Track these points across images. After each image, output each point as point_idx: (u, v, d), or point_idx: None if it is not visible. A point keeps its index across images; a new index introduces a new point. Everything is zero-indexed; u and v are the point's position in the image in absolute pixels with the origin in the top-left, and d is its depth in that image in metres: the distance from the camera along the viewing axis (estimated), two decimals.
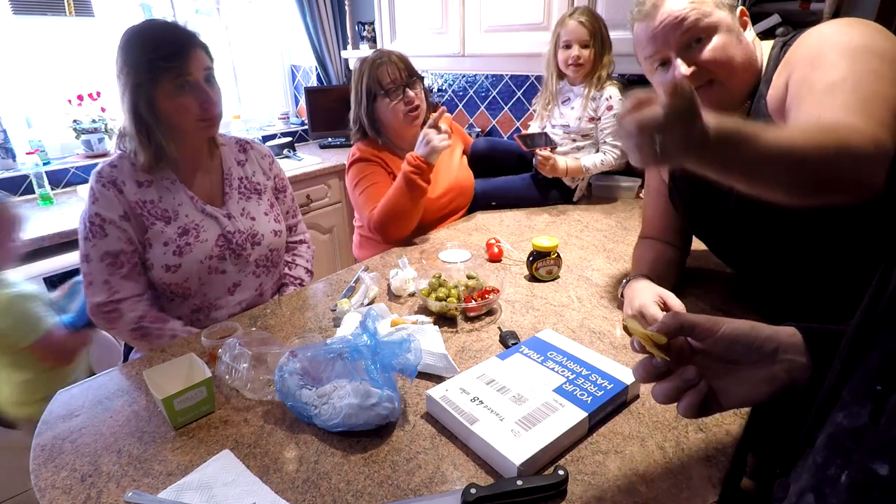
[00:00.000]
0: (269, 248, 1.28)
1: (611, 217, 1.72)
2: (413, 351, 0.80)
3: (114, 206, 1.10)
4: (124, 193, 1.11)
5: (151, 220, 1.13)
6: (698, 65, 0.87)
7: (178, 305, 1.20)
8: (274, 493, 0.69)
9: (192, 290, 1.18)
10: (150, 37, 1.08)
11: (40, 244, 1.76)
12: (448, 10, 2.30)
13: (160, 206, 1.14)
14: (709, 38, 0.87)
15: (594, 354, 0.90)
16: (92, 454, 0.77)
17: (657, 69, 0.94)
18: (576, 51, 1.69)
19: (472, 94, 2.77)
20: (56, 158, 2.38)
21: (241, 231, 1.22)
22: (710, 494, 0.66)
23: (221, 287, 1.21)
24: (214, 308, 1.22)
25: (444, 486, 0.69)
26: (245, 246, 1.23)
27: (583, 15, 1.67)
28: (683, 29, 0.87)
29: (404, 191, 1.45)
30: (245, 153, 1.32)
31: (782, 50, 0.88)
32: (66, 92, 2.38)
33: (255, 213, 1.27)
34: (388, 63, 1.52)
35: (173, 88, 1.07)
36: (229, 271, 1.21)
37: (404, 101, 1.53)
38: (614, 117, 1.72)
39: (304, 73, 3.39)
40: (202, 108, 1.10)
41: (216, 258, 1.18)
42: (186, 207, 1.17)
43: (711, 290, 1.16)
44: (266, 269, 1.29)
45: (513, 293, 1.21)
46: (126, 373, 0.97)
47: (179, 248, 1.14)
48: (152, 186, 1.14)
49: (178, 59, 1.06)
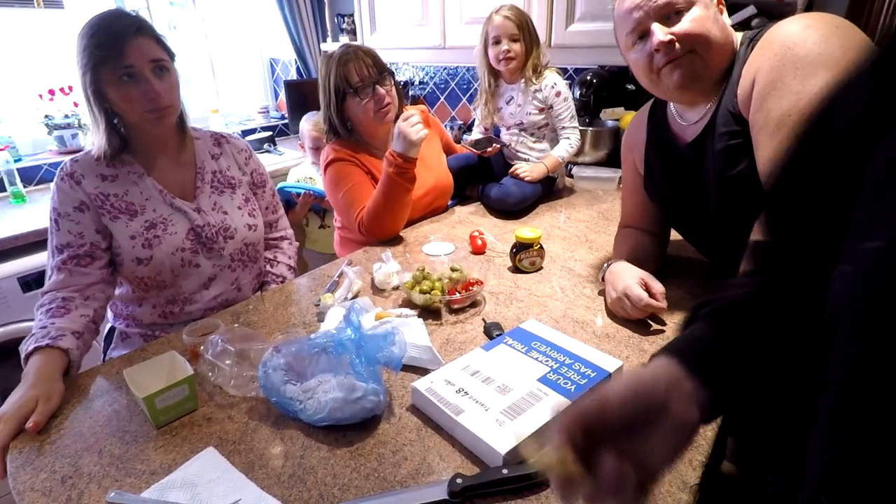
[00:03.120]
0: (244, 242, 1.26)
1: (592, 208, 1.74)
2: (398, 344, 0.80)
3: (68, 199, 1.08)
4: (82, 185, 1.09)
5: (114, 214, 1.11)
6: (676, 35, 0.88)
7: (153, 297, 1.18)
8: (260, 489, 0.68)
9: (166, 282, 1.16)
10: (92, 25, 1.05)
11: (14, 243, 1.72)
12: (428, 1, 2.28)
13: (125, 199, 1.12)
14: (687, 8, 0.88)
15: (577, 343, 0.91)
16: (72, 455, 0.76)
17: (635, 44, 0.94)
18: (505, 45, 1.69)
19: (454, 87, 2.76)
20: (28, 155, 2.32)
21: (212, 224, 1.20)
22: (690, 477, 0.67)
23: (196, 281, 1.20)
24: (189, 301, 1.20)
25: (430, 477, 0.69)
26: (216, 239, 1.21)
27: (509, 10, 1.68)
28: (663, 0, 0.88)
29: (390, 190, 1.43)
30: (220, 147, 1.30)
31: (749, 47, 0.89)
32: (37, 86, 2.31)
33: (227, 208, 1.24)
34: (355, 60, 1.45)
35: (115, 78, 1.04)
36: (203, 265, 1.20)
37: (374, 99, 1.47)
38: (564, 100, 1.75)
39: (283, 67, 3.34)
40: (146, 99, 1.06)
41: (188, 251, 1.17)
42: (154, 201, 1.15)
43: (690, 278, 1.18)
44: (242, 263, 1.27)
45: (496, 285, 1.22)
46: (105, 372, 0.96)
47: (148, 241, 1.12)
48: (117, 180, 1.12)
49: (113, 48, 1.02)
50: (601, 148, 2.03)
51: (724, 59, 0.91)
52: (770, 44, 0.84)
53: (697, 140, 0.99)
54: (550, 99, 1.75)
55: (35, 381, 0.86)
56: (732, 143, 0.91)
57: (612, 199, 1.83)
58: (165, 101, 1.08)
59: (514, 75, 1.77)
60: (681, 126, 1.04)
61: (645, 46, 0.92)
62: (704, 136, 0.97)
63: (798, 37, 0.80)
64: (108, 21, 1.05)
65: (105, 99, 1.06)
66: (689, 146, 1.01)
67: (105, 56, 1.02)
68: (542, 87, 1.74)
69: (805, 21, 0.82)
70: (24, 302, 1.71)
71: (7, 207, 1.98)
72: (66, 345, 0.94)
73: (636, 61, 0.96)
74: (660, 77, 0.93)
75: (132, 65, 1.04)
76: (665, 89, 0.95)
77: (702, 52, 0.89)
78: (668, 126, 1.07)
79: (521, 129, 1.83)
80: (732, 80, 0.91)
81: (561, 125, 1.78)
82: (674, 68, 0.91)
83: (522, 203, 1.71)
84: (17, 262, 1.71)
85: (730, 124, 0.91)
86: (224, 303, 1.24)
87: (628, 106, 2.09)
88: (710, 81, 0.93)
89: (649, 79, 0.96)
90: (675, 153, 1.06)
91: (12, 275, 1.69)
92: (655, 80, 0.95)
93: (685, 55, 0.89)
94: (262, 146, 2.82)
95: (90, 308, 1.05)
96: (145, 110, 1.07)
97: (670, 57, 0.90)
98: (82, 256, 1.08)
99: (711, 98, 0.95)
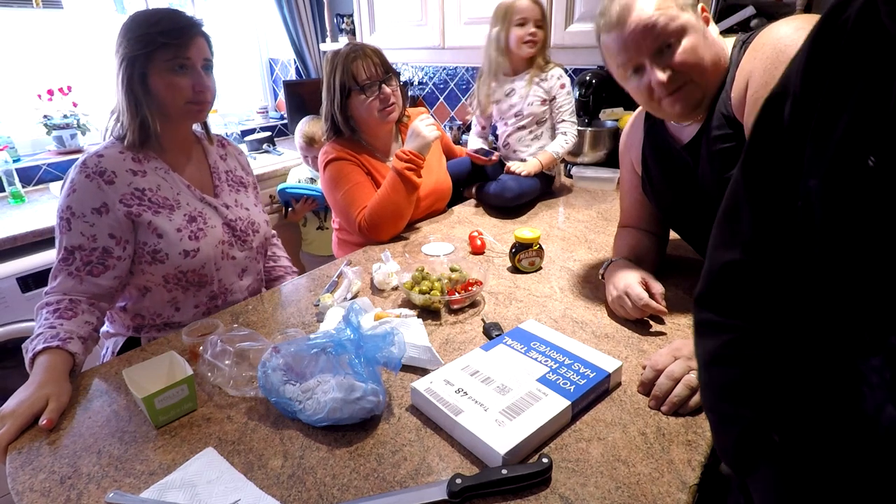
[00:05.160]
0: (265, 236, 1.33)
1: (591, 209, 1.74)
2: (397, 344, 0.80)
3: (89, 199, 1.04)
4: (114, 185, 1.06)
5: (154, 209, 1.09)
6: (672, 68, 0.89)
7: (193, 295, 1.17)
8: (259, 490, 0.68)
9: (208, 276, 1.17)
10: (153, 14, 1.08)
11: (13, 243, 1.71)
12: (427, 1, 2.28)
13: (160, 193, 1.12)
14: (678, 41, 0.88)
15: (577, 344, 0.91)
16: (71, 456, 0.76)
17: (630, 76, 0.95)
18: (531, 27, 1.70)
19: (453, 87, 2.76)
20: (26, 155, 2.31)
21: (241, 219, 1.24)
22: (690, 477, 0.67)
23: (232, 272, 1.23)
24: (229, 293, 1.23)
25: (429, 478, 0.69)
26: (248, 232, 1.25)
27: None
28: (654, 35, 0.88)
29: (398, 188, 1.44)
30: (224, 148, 1.33)
31: (741, 50, 0.90)
32: (36, 87, 2.31)
33: (247, 205, 1.29)
34: (363, 57, 1.46)
35: (168, 67, 1.06)
36: (238, 257, 1.23)
37: (380, 98, 1.48)
38: (567, 94, 1.77)
39: (282, 67, 3.34)
40: (195, 91, 1.09)
41: (226, 244, 1.20)
42: (186, 196, 1.16)
43: (689, 278, 1.18)
44: (262, 255, 1.34)
45: (496, 285, 1.22)
46: (104, 372, 0.96)
47: (193, 233, 1.13)
48: (147, 176, 1.11)
49: (177, 38, 1.05)
50: (600, 148, 2.03)
51: (719, 74, 0.92)
52: (762, 46, 0.84)
53: (693, 142, 0.99)
54: (555, 90, 1.76)
55: (45, 379, 0.86)
56: (727, 145, 0.92)
57: (612, 199, 1.83)
58: (209, 96, 1.14)
59: (525, 63, 1.77)
60: (676, 128, 1.04)
61: (642, 80, 0.93)
62: (700, 137, 0.97)
63: (789, 39, 0.80)
64: (174, 14, 1.10)
65: (147, 88, 1.07)
66: (684, 148, 1.01)
67: (167, 44, 1.05)
68: (549, 76, 1.75)
69: (796, 23, 0.82)
70: (23, 302, 1.70)
71: (6, 208, 1.98)
72: (75, 349, 0.93)
73: (634, 90, 0.96)
74: (660, 105, 0.94)
75: (190, 57, 1.08)
76: (666, 115, 0.98)
77: (698, 79, 0.90)
78: (664, 128, 1.07)
79: (519, 122, 1.82)
80: (726, 83, 0.91)
81: (560, 118, 1.79)
82: (675, 101, 0.92)
83: (520, 198, 1.71)
84: (17, 263, 1.71)
85: (724, 127, 0.91)
86: (254, 292, 1.29)
87: (627, 106, 2.10)
88: (709, 100, 0.94)
89: (650, 106, 0.98)
90: (672, 155, 1.06)
91: (11, 275, 1.68)
92: (656, 108, 0.97)
93: (684, 86, 0.90)
94: (262, 146, 2.82)
95: (94, 315, 1.04)
96: (190, 101, 1.10)
97: (669, 91, 0.90)
98: (95, 264, 1.05)
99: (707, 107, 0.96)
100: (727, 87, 0.91)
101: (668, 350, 0.84)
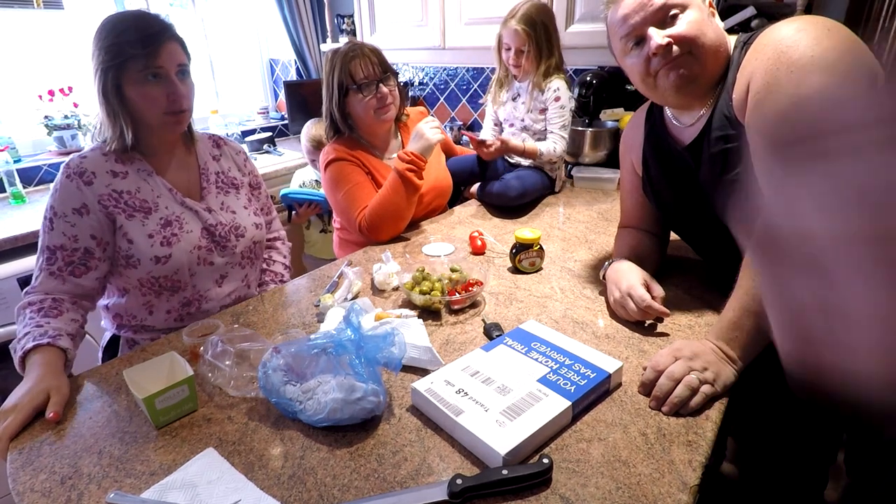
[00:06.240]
0: (253, 240, 1.28)
1: (592, 209, 1.74)
2: (397, 344, 0.80)
3: (70, 199, 1.06)
4: (93, 185, 1.07)
5: (129, 213, 1.09)
6: (673, 38, 0.88)
7: (167, 299, 1.17)
8: (259, 490, 0.68)
9: (181, 282, 1.15)
10: (122, 22, 1.05)
11: (13, 244, 1.72)
12: (428, 2, 2.28)
13: (138, 196, 1.11)
14: (682, 12, 0.89)
15: (577, 344, 0.91)
16: (71, 456, 0.76)
17: (631, 49, 0.94)
18: (514, 54, 1.74)
19: (454, 87, 2.76)
20: (27, 156, 2.31)
21: (223, 223, 1.21)
22: (690, 478, 0.67)
23: (209, 278, 1.20)
24: (204, 300, 1.20)
25: (430, 478, 0.69)
26: (229, 238, 1.21)
27: (520, 22, 1.69)
28: (658, 4, 0.88)
29: (399, 188, 1.44)
30: (219, 148, 1.31)
31: (742, 51, 0.89)
32: (36, 87, 2.31)
33: (234, 207, 1.25)
34: (361, 56, 1.47)
35: (140, 78, 1.04)
36: (217, 263, 1.20)
37: (377, 97, 1.48)
38: (561, 108, 1.75)
39: (283, 67, 3.34)
40: (169, 100, 1.07)
41: (204, 249, 1.17)
42: (166, 199, 1.14)
43: (689, 278, 1.18)
44: (250, 260, 1.29)
45: (496, 285, 1.22)
46: (105, 373, 0.96)
47: (166, 238, 1.11)
48: (128, 178, 1.11)
49: (146, 46, 1.03)
50: (601, 148, 2.03)
51: (719, 63, 0.92)
52: (764, 47, 0.84)
53: (694, 143, 0.99)
54: (548, 102, 1.76)
55: (42, 374, 0.86)
56: (728, 146, 0.91)
57: (612, 199, 1.83)
58: (186, 104, 1.10)
59: (524, 76, 1.80)
60: (677, 128, 1.04)
61: (642, 51, 0.92)
62: (701, 139, 0.97)
63: (791, 40, 0.80)
64: (141, 21, 1.06)
65: (123, 98, 1.06)
66: (685, 149, 1.01)
67: (137, 54, 1.02)
68: (546, 88, 1.76)
69: (797, 24, 0.82)
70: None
71: (7, 208, 1.98)
72: (65, 345, 0.94)
73: (633, 66, 0.96)
74: (656, 81, 0.93)
75: (162, 66, 1.05)
76: (662, 93, 0.96)
77: (698, 53, 0.90)
78: (665, 128, 1.07)
79: (523, 128, 1.84)
80: (727, 83, 0.91)
81: (550, 129, 1.79)
82: (670, 70, 0.91)
83: (523, 197, 1.72)
84: (17, 263, 1.71)
85: (725, 128, 0.91)
86: (237, 300, 1.25)
87: (628, 107, 2.10)
88: (705, 84, 0.93)
89: (645, 83, 0.96)
90: (673, 155, 1.06)
91: (12, 275, 1.69)
92: (652, 85, 0.95)
93: (681, 57, 0.90)
94: (262, 147, 2.82)
95: (79, 313, 1.05)
96: (165, 112, 1.08)
97: (667, 60, 0.90)
98: (77, 265, 1.06)
99: (707, 102, 0.95)
100: (728, 89, 0.90)
101: (669, 350, 0.84)
